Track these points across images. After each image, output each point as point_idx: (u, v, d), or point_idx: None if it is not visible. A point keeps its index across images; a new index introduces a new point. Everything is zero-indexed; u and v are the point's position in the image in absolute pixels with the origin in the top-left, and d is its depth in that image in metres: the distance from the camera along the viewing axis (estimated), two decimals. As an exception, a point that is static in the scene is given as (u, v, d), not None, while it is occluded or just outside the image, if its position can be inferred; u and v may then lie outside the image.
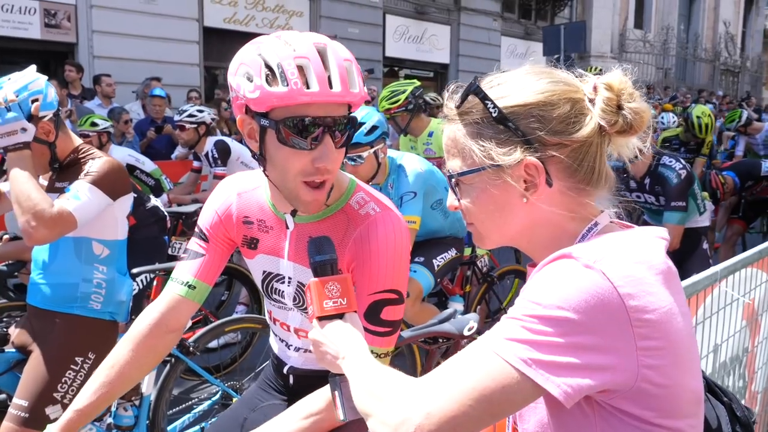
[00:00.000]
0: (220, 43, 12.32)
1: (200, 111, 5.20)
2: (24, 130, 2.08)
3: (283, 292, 1.49)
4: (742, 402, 1.19)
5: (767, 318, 2.66)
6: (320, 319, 1.15)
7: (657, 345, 0.85)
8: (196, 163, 5.59)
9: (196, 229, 1.54)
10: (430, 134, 4.50)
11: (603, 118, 0.96)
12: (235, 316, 4.04)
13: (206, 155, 5.20)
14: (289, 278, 1.47)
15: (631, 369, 0.84)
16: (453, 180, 1.05)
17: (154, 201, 3.71)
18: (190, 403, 3.09)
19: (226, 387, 3.03)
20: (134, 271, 2.81)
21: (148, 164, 5.34)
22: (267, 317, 1.65)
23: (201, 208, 5.37)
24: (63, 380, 2.19)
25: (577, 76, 1.01)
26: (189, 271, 1.49)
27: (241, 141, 6.11)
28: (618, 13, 20.44)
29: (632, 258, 0.88)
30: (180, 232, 4.62)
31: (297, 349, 1.56)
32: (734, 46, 25.03)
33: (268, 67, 1.20)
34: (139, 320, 1.49)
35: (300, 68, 1.18)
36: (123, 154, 5.11)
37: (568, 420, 0.93)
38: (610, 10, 19.94)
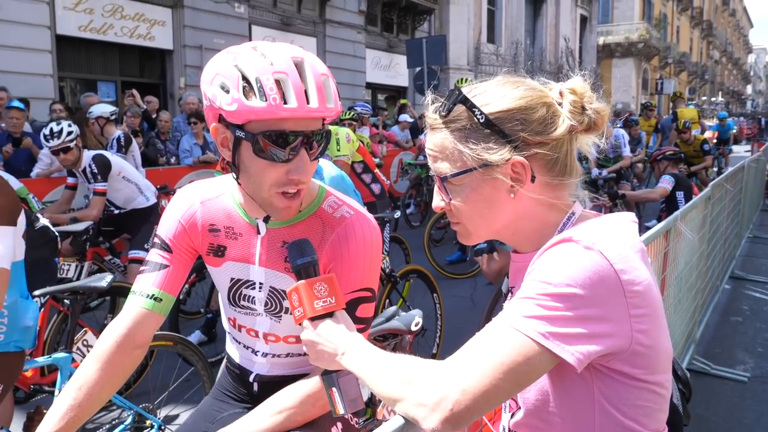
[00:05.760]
0: (76, 53, 11.55)
1: (70, 125, 4.82)
2: None
3: (253, 298, 1.50)
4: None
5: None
6: (312, 319, 1.19)
7: (644, 312, 0.99)
8: (70, 180, 5.16)
9: (156, 240, 1.51)
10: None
11: (572, 119, 1.09)
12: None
13: (84, 171, 4.85)
14: (260, 284, 1.48)
15: (627, 334, 0.98)
16: (445, 182, 1.12)
17: (43, 221, 3.44)
18: (100, 430, 2.91)
19: (140, 409, 2.88)
20: (36, 292, 2.61)
21: (13, 182, 4.87)
22: (228, 326, 1.64)
23: (91, 226, 4.99)
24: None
25: (542, 84, 1.14)
26: (153, 283, 1.45)
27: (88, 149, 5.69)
28: (472, 28, 21.76)
29: (619, 239, 1.02)
30: (66, 253, 4.27)
31: (264, 355, 1.57)
32: (574, 60, 27.53)
33: (245, 80, 1.21)
34: (104, 337, 1.43)
35: (278, 82, 1.21)
36: None
37: (568, 385, 1.05)
38: (465, 25, 21.16)
